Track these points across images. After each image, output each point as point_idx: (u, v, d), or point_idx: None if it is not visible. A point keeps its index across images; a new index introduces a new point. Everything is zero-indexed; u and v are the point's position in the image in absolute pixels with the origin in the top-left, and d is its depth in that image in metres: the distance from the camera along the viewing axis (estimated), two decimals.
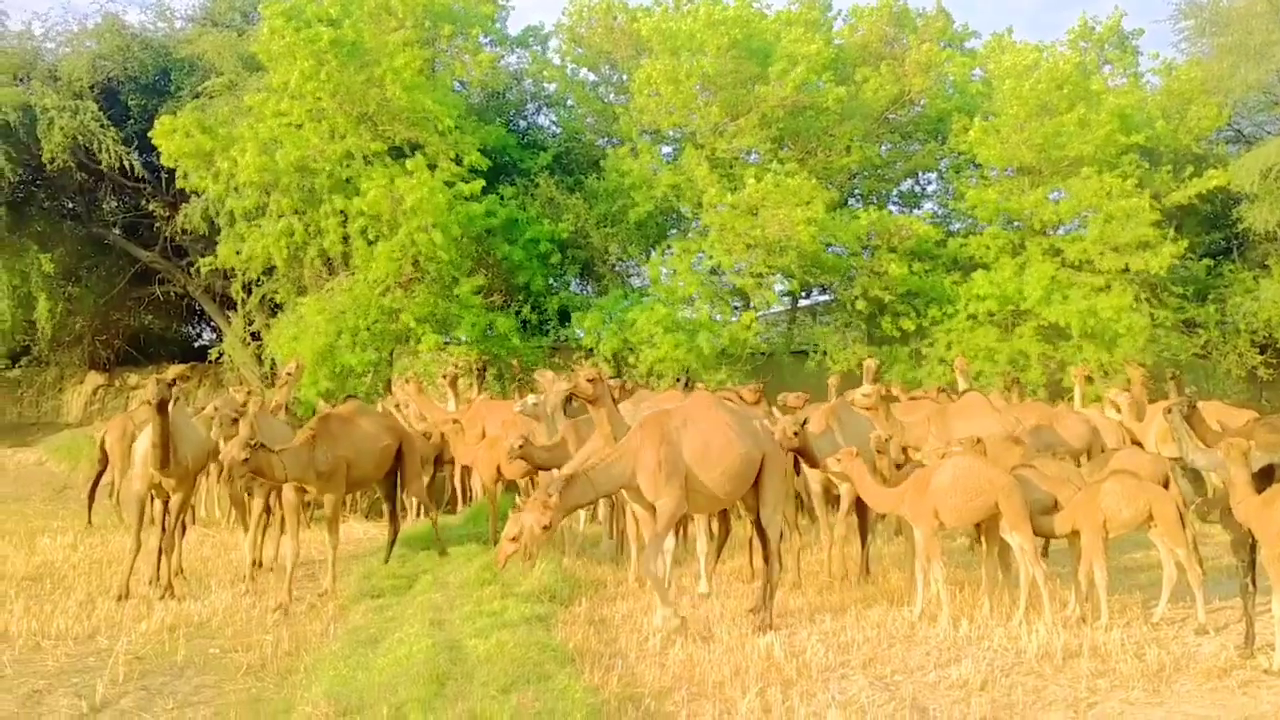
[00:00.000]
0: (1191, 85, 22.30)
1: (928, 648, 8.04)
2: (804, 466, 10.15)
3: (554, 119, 25.03)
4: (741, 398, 13.26)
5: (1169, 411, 11.28)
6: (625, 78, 22.58)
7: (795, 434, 9.32)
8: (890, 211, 22.91)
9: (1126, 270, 19.55)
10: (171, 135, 18.40)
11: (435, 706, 6.33)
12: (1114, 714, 6.54)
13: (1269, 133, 22.78)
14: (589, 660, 7.47)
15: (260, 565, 11.35)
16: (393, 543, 11.91)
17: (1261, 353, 21.31)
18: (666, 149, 22.41)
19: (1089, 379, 17.57)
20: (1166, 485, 9.11)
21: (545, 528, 7.97)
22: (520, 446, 11.05)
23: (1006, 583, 9.46)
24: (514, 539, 8.04)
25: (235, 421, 11.67)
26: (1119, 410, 14.63)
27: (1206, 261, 22.53)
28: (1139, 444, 13.46)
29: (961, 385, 15.60)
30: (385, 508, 12.17)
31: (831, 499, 10.84)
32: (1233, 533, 8.09)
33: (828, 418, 10.39)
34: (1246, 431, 11.16)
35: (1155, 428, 14.02)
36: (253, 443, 9.58)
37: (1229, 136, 24.21)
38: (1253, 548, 7.98)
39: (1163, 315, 20.18)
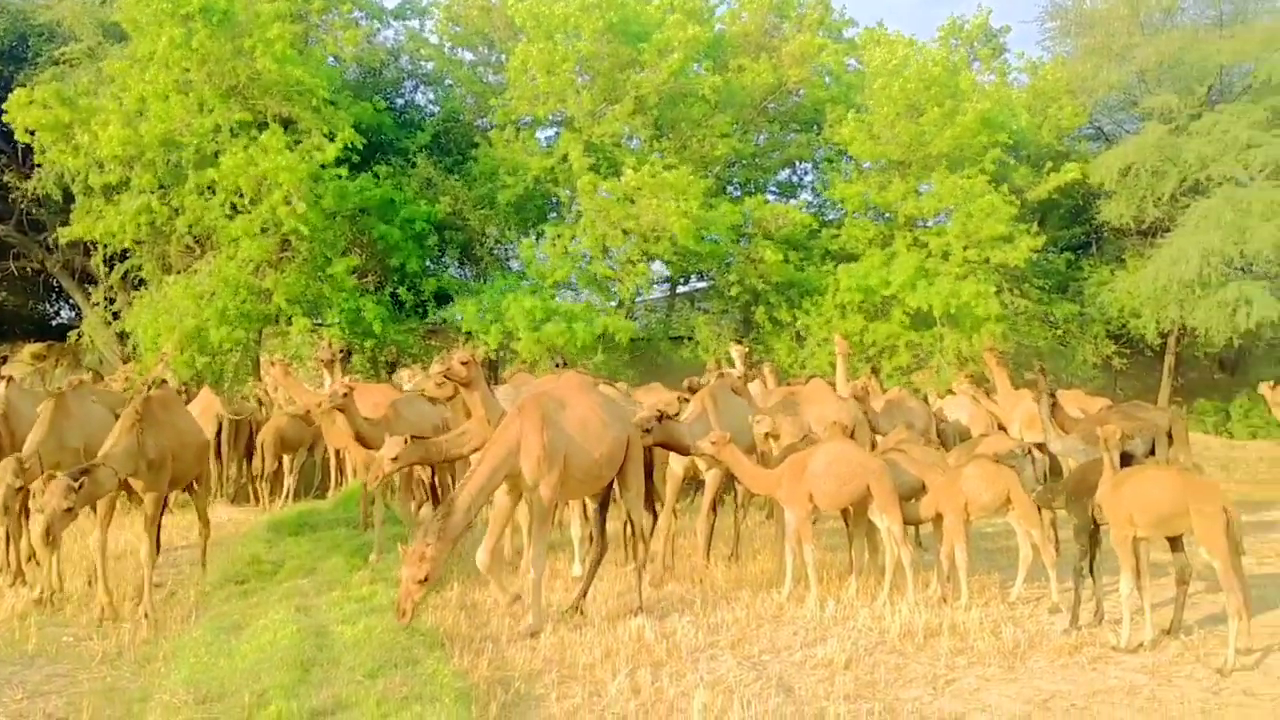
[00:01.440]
0: (1056, 84, 23.13)
1: (795, 628, 8.18)
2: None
3: (432, 98, 24.70)
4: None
5: (1038, 399, 11.74)
6: (504, 58, 22.37)
7: (651, 430, 9.13)
8: (767, 200, 23.20)
9: (988, 263, 20.17)
10: (28, 108, 17.56)
11: (299, 693, 6.19)
12: (970, 690, 6.75)
13: (1128, 131, 23.73)
14: (459, 644, 7.39)
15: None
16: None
17: (1116, 343, 22.27)
18: (547, 132, 22.29)
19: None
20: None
21: (423, 581, 7.40)
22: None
23: (873, 564, 9.68)
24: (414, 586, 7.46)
25: None
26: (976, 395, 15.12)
27: (1067, 255, 23.45)
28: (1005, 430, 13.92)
29: (840, 367, 15.87)
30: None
31: (696, 483, 10.91)
32: (1075, 518, 8.41)
33: (703, 401, 10.45)
34: (1101, 419, 11.60)
35: (1019, 414, 14.52)
36: None
37: (1090, 134, 25.16)
38: (1094, 533, 8.33)
39: (1023, 305, 20.89)
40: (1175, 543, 7.93)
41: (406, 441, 8.96)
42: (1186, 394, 23.38)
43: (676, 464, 10.29)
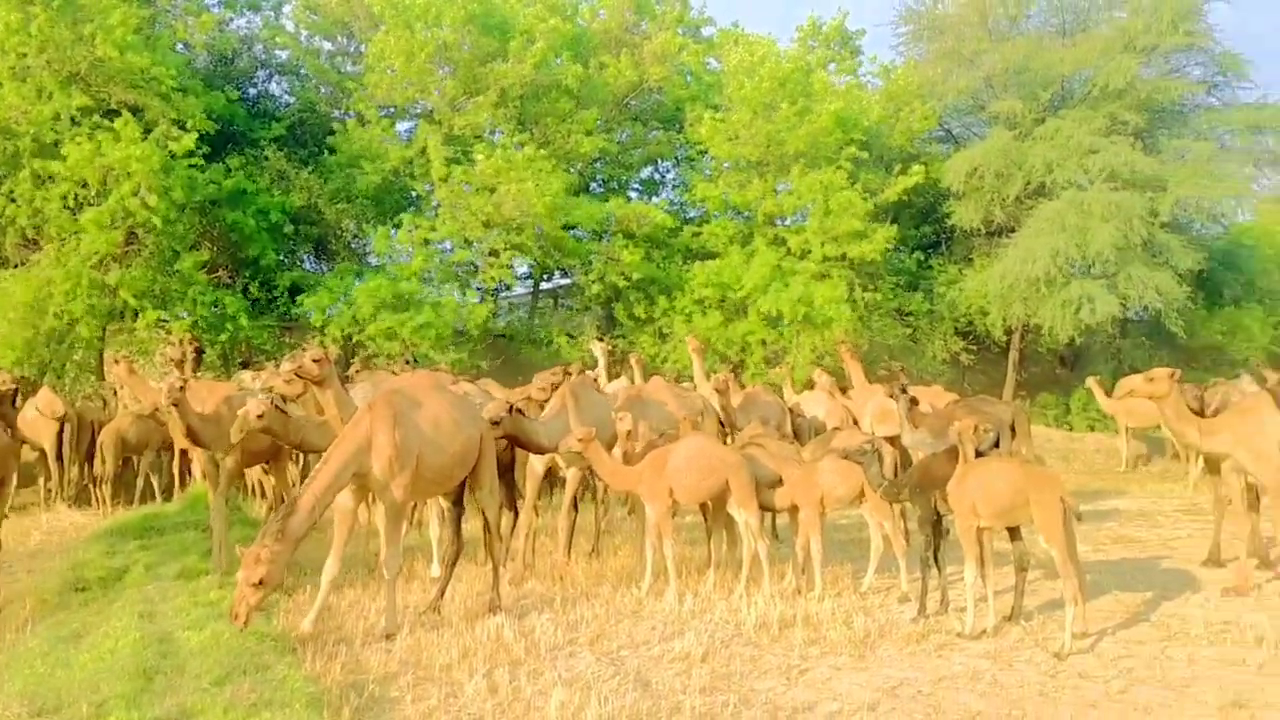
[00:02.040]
0: (908, 88, 23.79)
1: (654, 622, 8.23)
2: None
3: (287, 88, 24.03)
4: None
5: (894, 395, 12.09)
6: (363, 49, 21.93)
7: (500, 422, 9.11)
8: (629, 198, 23.32)
9: (844, 258, 20.66)
10: None
11: (141, 702, 5.98)
12: (822, 679, 6.90)
13: (976, 135, 24.54)
14: (311, 648, 7.21)
15: None
16: None
17: (964, 339, 23.07)
18: (404, 125, 21.94)
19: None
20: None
21: (258, 584, 7.08)
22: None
23: (731, 558, 9.81)
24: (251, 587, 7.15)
25: None
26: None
27: (918, 255, 24.16)
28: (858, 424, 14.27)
29: (696, 365, 16.04)
30: None
31: (557, 480, 10.90)
32: (920, 510, 8.68)
33: (564, 398, 10.43)
34: (948, 414, 11.99)
35: (871, 408, 14.90)
36: None
37: (940, 137, 25.91)
38: (937, 523, 8.62)
39: (877, 299, 21.47)
40: (1015, 532, 8.25)
41: (272, 405, 8.81)
42: (1030, 388, 24.31)
43: (537, 462, 10.25)
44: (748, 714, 6.17)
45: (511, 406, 9.36)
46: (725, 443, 11.41)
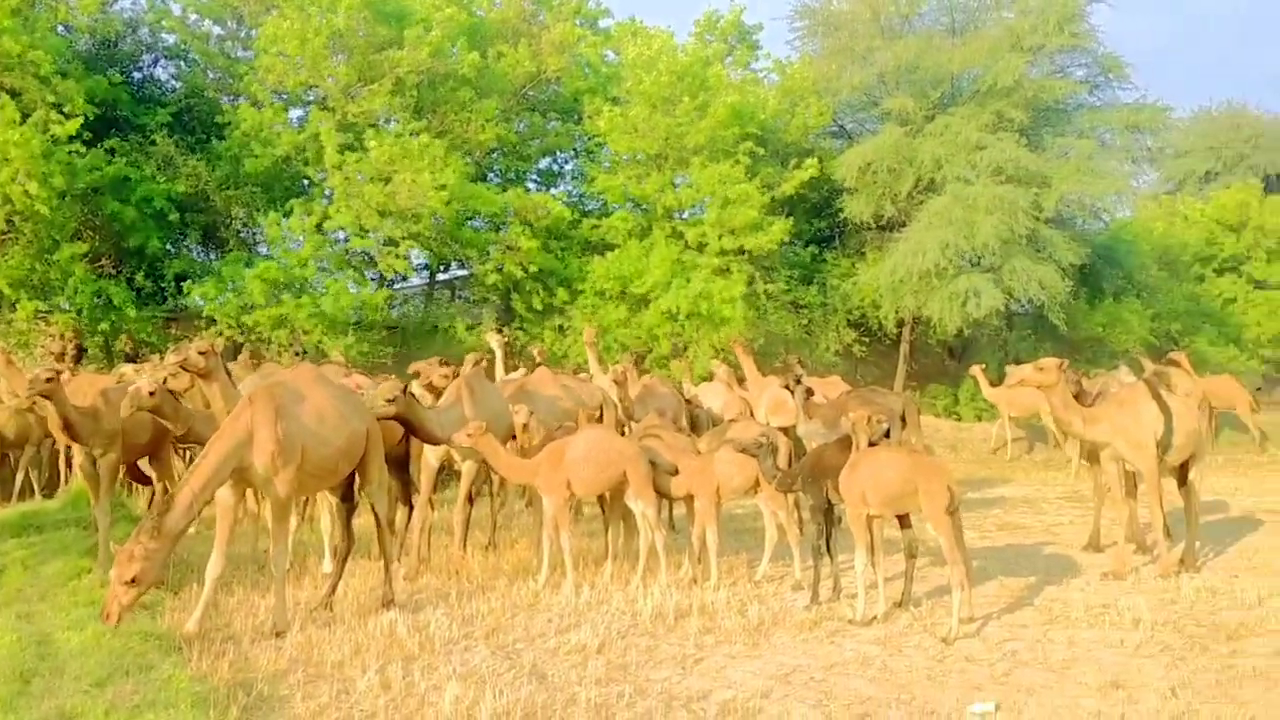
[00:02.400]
0: (803, 83, 24.05)
1: (550, 615, 8.24)
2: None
3: (174, 73, 23.29)
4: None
5: (789, 386, 12.25)
6: (253, 34, 21.37)
7: (390, 401, 8.98)
8: (528, 189, 23.19)
9: (742, 251, 20.85)
10: None
11: (17, 706, 5.79)
12: (717, 668, 6.97)
13: (869, 131, 24.87)
14: (198, 647, 7.03)
15: None
16: None
17: (856, 331, 23.48)
18: (298, 112, 21.46)
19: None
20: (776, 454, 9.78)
21: (131, 582, 6.89)
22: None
23: (628, 549, 9.85)
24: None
25: None
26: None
27: (812, 248, 24.49)
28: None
29: (591, 357, 16.06)
30: None
31: (453, 474, 10.81)
32: (812, 499, 8.81)
33: (459, 389, 10.35)
34: (841, 404, 12.21)
35: (766, 400, 15.09)
36: None
37: (835, 132, 26.24)
38: (829, 512, 8.77)
39: (773, 291, 21.72)
40: (905, 520, 8.44)
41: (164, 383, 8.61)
42: (920, 379, 24.83)
43: (431, 454, 10.14)
44: (643, 704, 6.20)
45: (405, 387, 9.25)
46: (622, 434, 11.44)
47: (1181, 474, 10.42)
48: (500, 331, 16.85)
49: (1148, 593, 9.04)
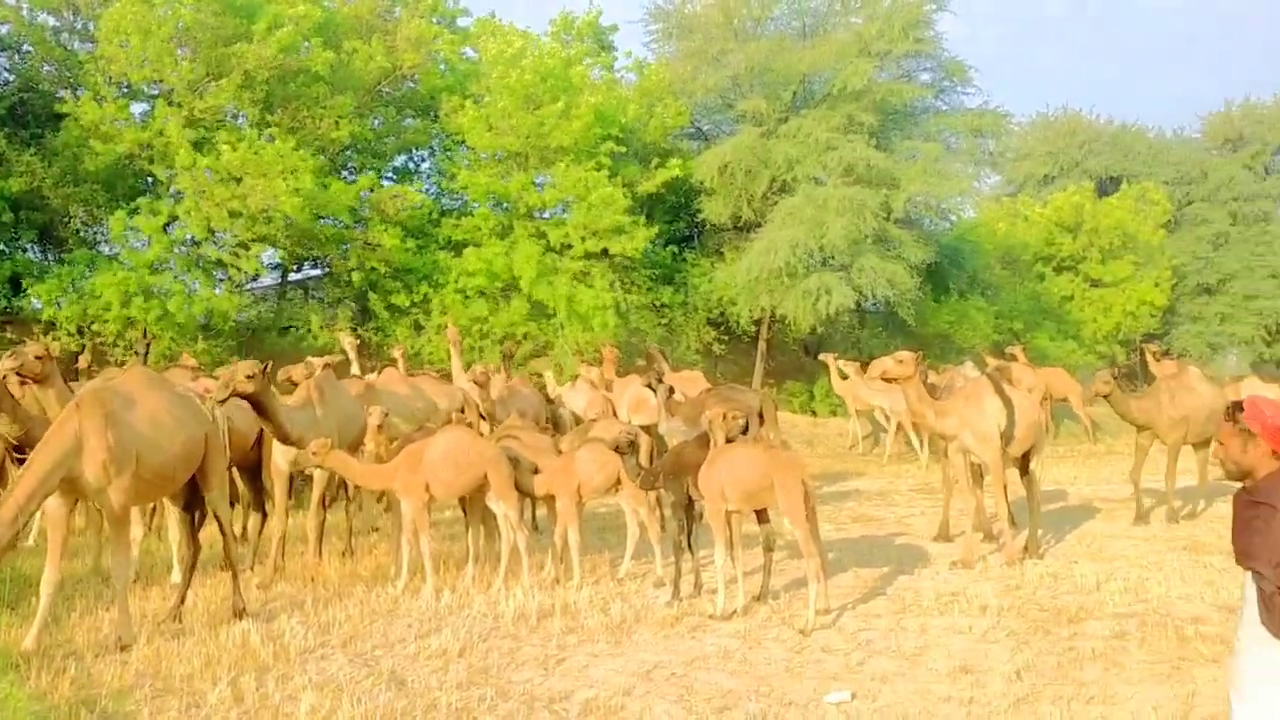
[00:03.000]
0: (660, 84, 24.26)
1: (410, 620, 8.11)
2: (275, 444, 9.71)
3: (6, 65, 22.12)
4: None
5: (651, 384, 12.35)
6: (91, 26, 20.46)
7: (249, 378, 8.64)
8: (384, 186, 22.80)
9: (606, 254, 20.92)
10: None
11: None
12: (580, 667, 6.97)
13: (725, 132, 25.24)
14: (37, 664, 6.69)
15: None
16: None
17: (716, 329, 23.81)
18: (141, 107, 20.61)
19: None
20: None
21: None
22: None
23: (490, 551, 9.77)
24: None
25: None
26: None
27: (672, 248, 24.74)
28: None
29: (455, 356, 15.91)
30: None
31: (305, 479, 10.57)
32: (674, 495, 8.90)
33: (309, 391, 10.10)
34: (700, 401, 12.36)
35: (628, 398, 15.19)
36: None
37: (692, 133, 26.55)
38: (689, 507, 8.87)
39: (635, 296, 21.86)
40: (762, 515, 8.59)
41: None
42: (778, 376, 25.31)
43: (281, 459, 9.85)
44: (504, 706, 6.16)
45: (266, 367, 8.98)
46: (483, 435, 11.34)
47: (1023, 464, 10.89)
48: (354, 331, 16.53)
49: (994, 580, 9.40)
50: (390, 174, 24.86)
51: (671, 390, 12.47)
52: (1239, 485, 3.84)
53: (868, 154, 22.23)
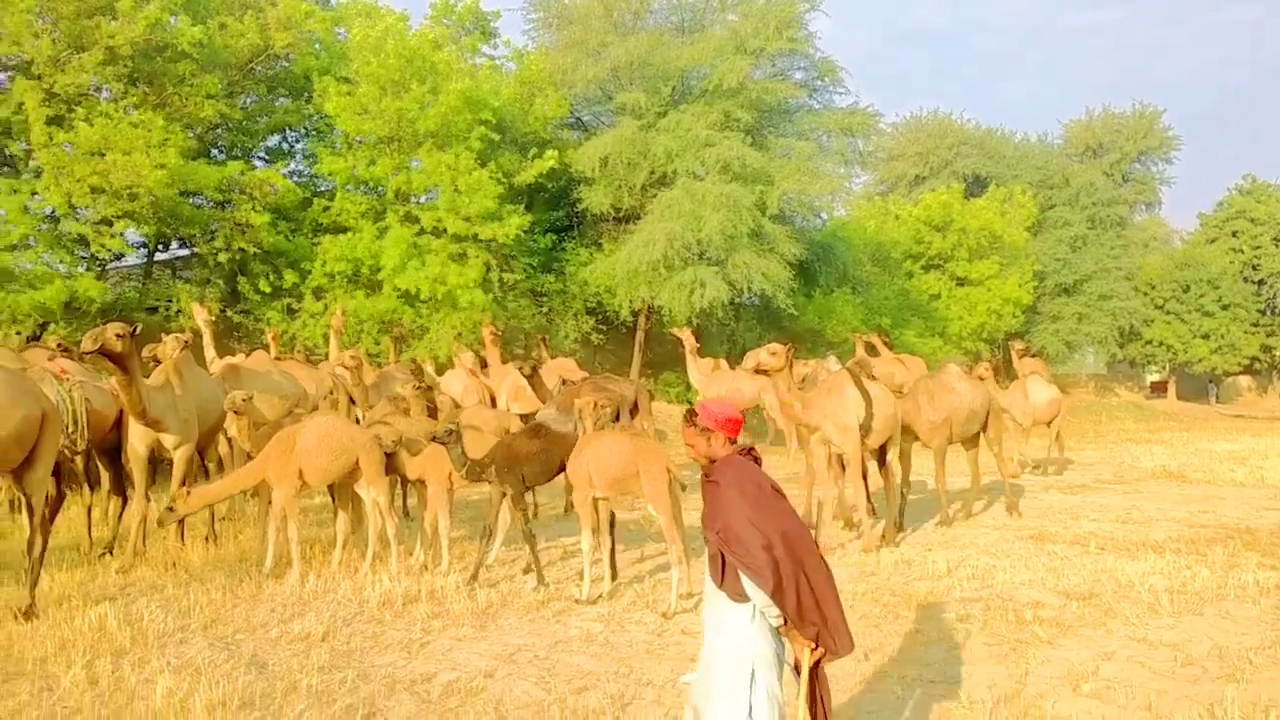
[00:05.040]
0: (540, 74, 24.29)
1: (273, 605, 8.07)
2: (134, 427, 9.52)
3: None
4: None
5: (524, 371, 12.44)
6: None
7: (119, 337, 8.57)
8: (255, 166, 22.36)
9: (478, 239, 20.87)
10: None
11: None
12: (443, 650, 7.04)
13: (605, 124, 25.41)
14: None
15: None
16: None
17: (594, 319, 23.97)
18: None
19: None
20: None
21: None
22: None
23: (358, 537, 9.76)
24: None
25: None
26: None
27: (552, 236, 24.80)
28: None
29: (334, 342, 15.75)
30: None
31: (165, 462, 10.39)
32: (510, 487, 8.89)
33: (166, 372, 9.91)
34: (574, 391, 12.47)
35: (507, 387, 15.25)
36: None
37: (573, 124, 26.65)
38: (520, 496, 8.94)
39: (513, 280, 21.87)
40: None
41: None
42: (656, 367, 25.62)
43: (139, 443, 9.66)
44: (366, 688, 6.21)
45: (134, 329, 8.80)
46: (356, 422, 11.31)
47: (881, 456, 11.29)
48: (206, 306, 16.17)
49: (851, 566, 9.75)
50: (263, 154, 24.40)
51: (530, 376, 12.71)
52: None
53: (743, 152, 22.62)
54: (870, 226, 33.01)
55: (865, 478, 10.94)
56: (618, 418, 12.75)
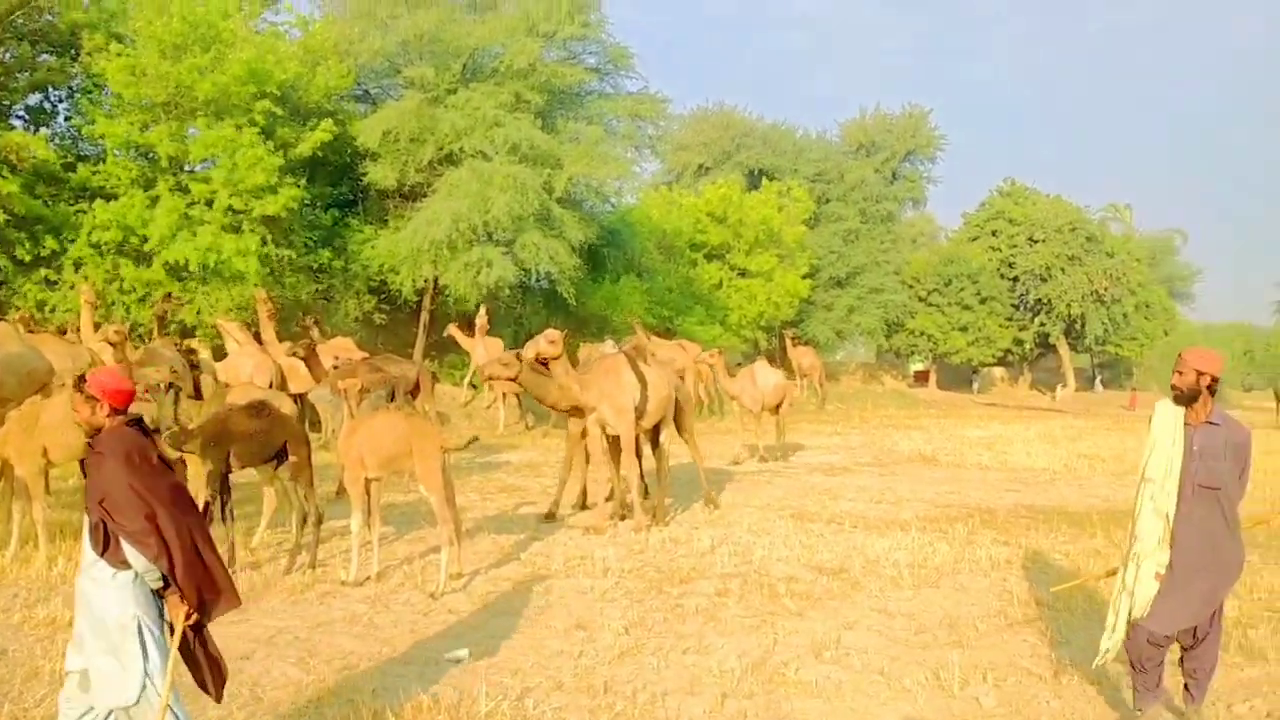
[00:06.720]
0: (325, 43, 23.59)
1: (17, 590, 7.68)
2: None
3: None
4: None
5: (295, 352, 12.16)
6: None
7: None
8: (13, 126, 20.92)
9: (252, 213, 20.16)
10: None
11: None
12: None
13: (391, 97, 24.90)
14: None
15: None
16: None
17: (377, 298, 23.56)
18: None
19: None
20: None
21: None
22: None
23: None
24: None
25: None
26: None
27: (334, 212, 24.20)
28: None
29: (85, 315, 14.94)
30: None
31: None
32: (211, 464, 8.46)
33: None
34: (352, 369, 12.30)
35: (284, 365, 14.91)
36: None
37: (359, 96, 26.02)
38: (225, 477, 8.69)
39: (289, 256, 21.21)
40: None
41: None
42: (441, 349, 25.36)
43: None
44: None
45: None
46: None
47: (654, 437, 11.61)
48: None
49: (620, 545, 10.01)
50: (21, 114, 22.81)
51: (306, 357, 12.46)
52: None
53: (532, 133, 22.66)
54: (655, 214, 33.57)
55: (640, 458, 11.25)
56: (393, 397, 12.68)
